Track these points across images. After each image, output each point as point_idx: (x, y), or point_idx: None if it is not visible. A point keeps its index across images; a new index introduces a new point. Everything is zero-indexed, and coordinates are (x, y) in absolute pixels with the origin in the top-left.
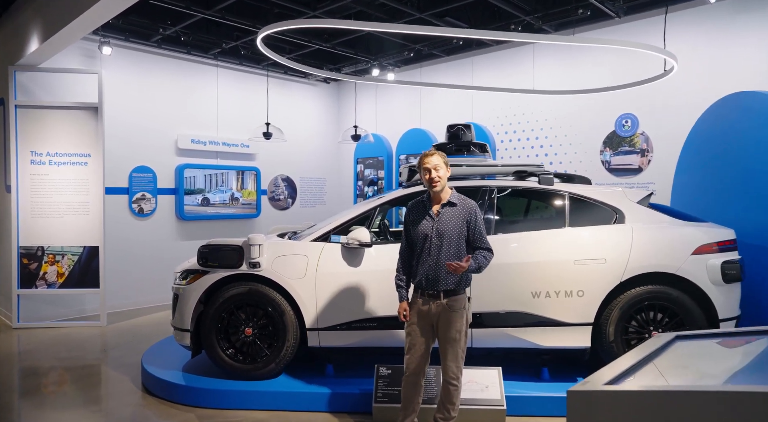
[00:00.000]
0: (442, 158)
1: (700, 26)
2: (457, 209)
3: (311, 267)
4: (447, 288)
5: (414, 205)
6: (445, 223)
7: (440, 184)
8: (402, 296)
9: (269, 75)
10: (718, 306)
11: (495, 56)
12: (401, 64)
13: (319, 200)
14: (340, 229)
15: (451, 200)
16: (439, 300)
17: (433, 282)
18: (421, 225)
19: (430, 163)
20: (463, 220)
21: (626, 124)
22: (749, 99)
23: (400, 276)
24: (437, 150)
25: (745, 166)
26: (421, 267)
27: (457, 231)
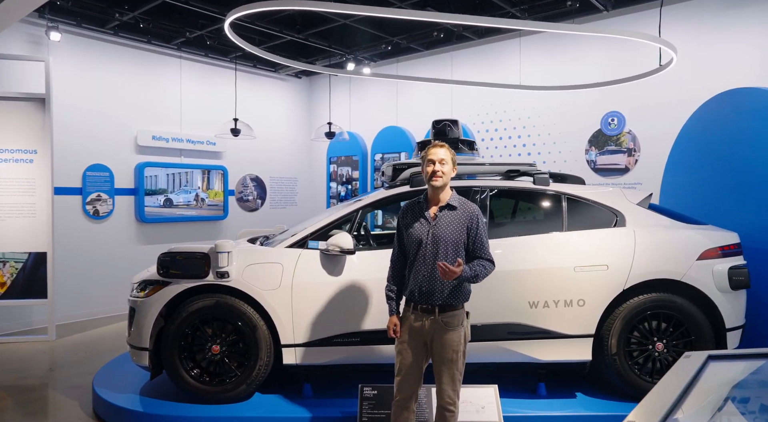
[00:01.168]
0: (451, 154)
1: (688, 23)
2: (457, 213)
3: (287, 277)
4: (443, 302)
5: (409, 206)
6: (442, 228)
7: (442, 180)
8: (392, 309)
9: (237, 68)
10: (724, 314)
11: (476, 51)
12: (377, 58)
13: (290, 201)
14: (318, 234)
15: (450, 203)
16: (433, 316)
17: (427, 295)
18: (415, 229)
19: (436, 154)
20: (462, 226)
21: (612, 123)
22: (746, 96)
23: (391, 286)
24: (423, 146)
25: (742, 166)
26: (414, 277)
27: (456, 237)
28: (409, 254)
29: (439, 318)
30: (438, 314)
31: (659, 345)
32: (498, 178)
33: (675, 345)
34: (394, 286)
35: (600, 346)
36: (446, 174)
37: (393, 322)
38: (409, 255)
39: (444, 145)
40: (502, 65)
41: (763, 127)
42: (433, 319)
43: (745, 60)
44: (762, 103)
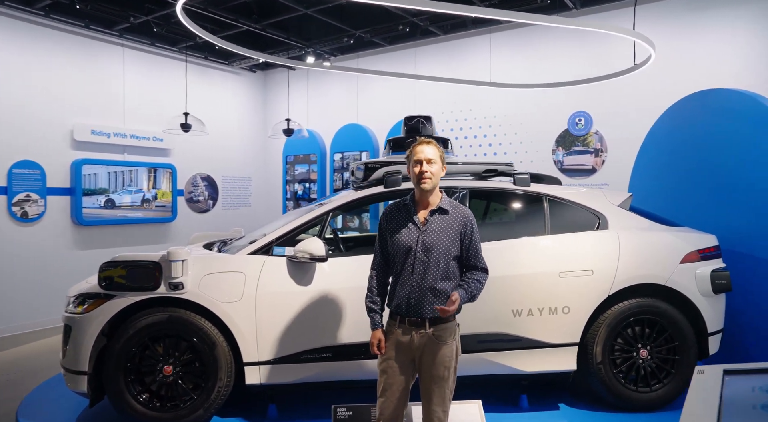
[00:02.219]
0: (440, 152)
1: (657, 24)
2: (448, 218)
3: (250, 287)
4: (434, 314)
5: (394, 208)
6: (433, 235)
7: (431, 182)
8: (375, 323)
9: (188, 60)
10: (707, 318)
11: (441, 47)
12: (337, 52)
13: (244, 202)
14: (284, 240)
15: (442, 206)
16: (423, 330)
17: (416, 308)
18: (403, 236)
19: (423, 153)
20: (455, 232)
21: (579, 123)
22: (719, 97)
23: (373, 297)
24: (394, 144)
25: (714, 167)
26: (402, 288)
27: (448, 244)
28: (395, 262)
29: (430, 331)
30: (429, 327)
31: (643, 352)
32: (472, 178)
33: (659, 351)
34: (377, 297)
35: (584, 355)
36: (435, 175)
37: (377, 337)
38: (394, 264)
39: (431, 142)
40: (470, 62)
41: (736, 128)
42: (423, 333)
43: (713, 62)
44: (735, 105)
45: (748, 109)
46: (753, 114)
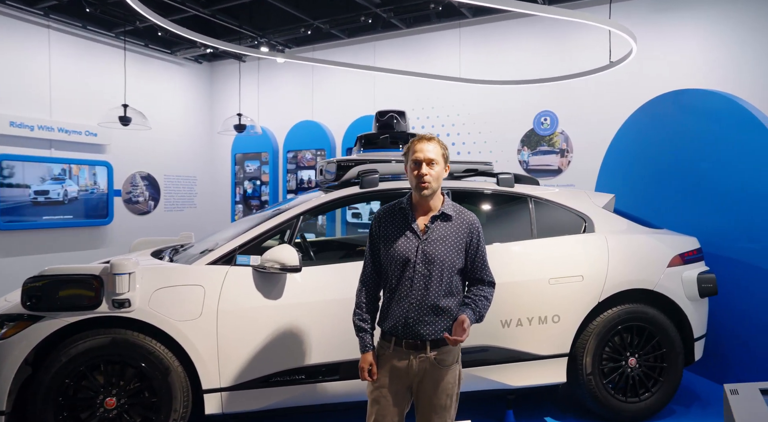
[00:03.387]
0: (442, 149)
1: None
2: (452, 225)
3: (210, 303)
4: (437, 336)
5: (387, 213)
6: (435, 244)
7: (432, 186)
8: (366, 344)
9: (126, 47)
10: (693, 323)
11: (402, 42)
12: (292, 43)
13: (189, 203)
14: (249, 247)
15: (444, 211)
16: (423, 354)
17: (415, 328)
18: (400, 245)
19: (423, 152)
20: (460, 241)
21: (545, 122)
22: (692, 97)
23: (363, 315)
24: (366, 141)
25: (687, 168)
26: (398, 305)
27: (453, 256)
28: (389, 275)
29: (432, 355)
30: (430, 350)
31: (632, 361)
32: (448, 178)
33: (647, 359)
34: (367, 314)
35: (574, 366)
36: (437, 178)
37: (367, 361)
38: (388, 277)
39: (433, 138)
40: (435, 58)
41: (711, 129)
42: (424, 357)
43: (678, 63)
44: (710, 105)
45: (723, 109)
46: (728, 115)
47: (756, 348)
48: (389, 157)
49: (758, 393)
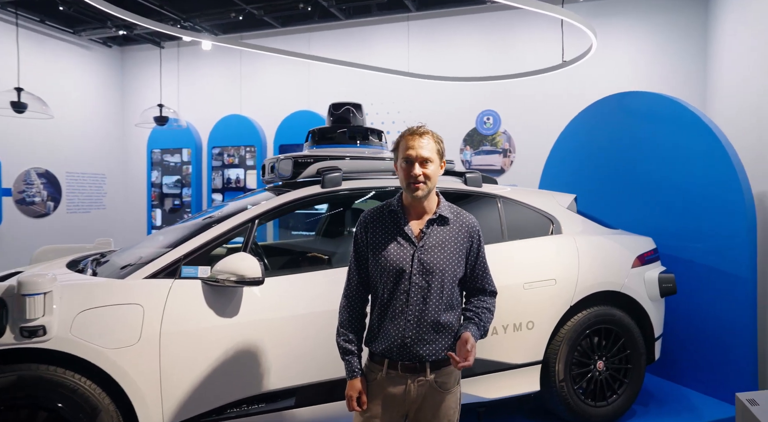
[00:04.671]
0: (437, 145)
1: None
2: (450, 229)
3: (151, 324)
4: (438, 357)
5: (376, 216)
6: (433, 252)
7: (425, 188)
8: (353, 369)
9: (18, 23)
10: (654, 323)
11: (340, 34)
12: (219, 29)
13: (97, 204)
14: (197, 256)
15: (441, 213)
16: (423, 377)
17: (414, 349)
18: (392, 253)
19: (416, 148)
20: (461, 247)
21: (488, 122)
22: (636, 99)
23: (348, 335)
24: (320, 137)
25: (634, 169)
26: (393, 323)
27: (453, 265)
28: (380, 289)
29: (432, 378)
30: (430, 373)
31: (600, 364)
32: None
33: (613, 361)
34: (353, 334)
35: (546, 373)
36: (432, 178)
37: (356, 389)
38: (378, 291)
39: (426, 132)
40: (372, 51)
41: (656, 130)
42: (423, 381)
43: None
44: (655, 107)
45: (668, 111)
46: (673, 117)
47: (703, 344)
48: (345, 154)
49: None
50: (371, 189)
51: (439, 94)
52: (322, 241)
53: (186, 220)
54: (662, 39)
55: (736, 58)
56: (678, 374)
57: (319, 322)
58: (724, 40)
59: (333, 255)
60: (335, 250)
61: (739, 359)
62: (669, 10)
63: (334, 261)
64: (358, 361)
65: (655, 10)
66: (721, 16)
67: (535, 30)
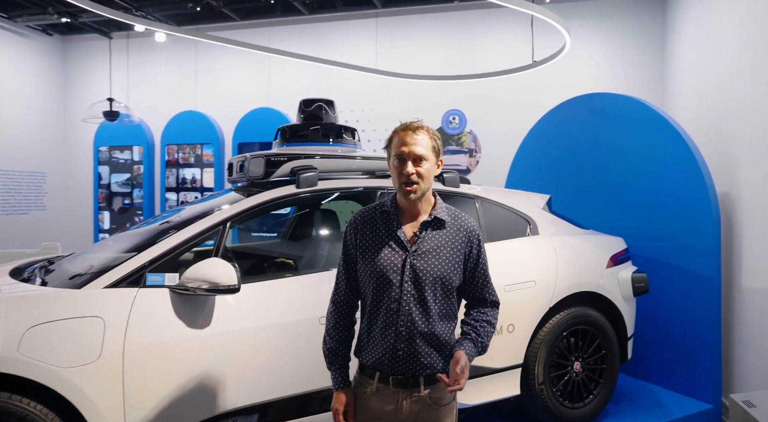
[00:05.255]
0: (432, 142)
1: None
2: (447, 233)
3: (113, 339)
4: (432, 371)
5: (367, 217)
6: (428, 257)
7: (420, 188)
8: (338, 381)
9: None
10: (627, 323)
11: (302, 29)
12: (173, 21)
13: (36, 204)
14: (165, 262)
15: (437, 216)
16: (417, 392)
17: (406, 363)
18: (383, 259)
19: (409, 145)
20: (458, 253)
21: (453, 121)
22: (603, 100)
23: (332, 344)
24: (292, 133)
25: (601, 169)
26: (384, 334)
27: (449, 272)
28: (369, 296)
29: (426, 394)
30: (424, 388)
31: (577, 365)
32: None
33: (588, 361)
34: (340, 343)
35: (526, 376)
36: (427, 178)
37: (342, 402)
38: (368, 298)
39: (421, 128)
40: (334, 48)
41: (623, 131)
42: (417, 397)
43: (581, 69)
44: (623, 109)
45: (635, 112)
46: (640, 118)
47: (670, 342)
48: (318, 152)
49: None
50: (348, 189)
51: (405, 93)
52: (295, 245)
53: (142, 224)
54: (622, 42)
55: (694, 60)
56: (646, 372)
57: (299, 331)
58: (681, 43)
59: (309, 259)
60: (310, 254)
61: (705, 355)
62: (628, 14)
63: (310, 266)
64: (345, 372)
65: (615, 13)
66: (679, 19)
67: (501, 30)
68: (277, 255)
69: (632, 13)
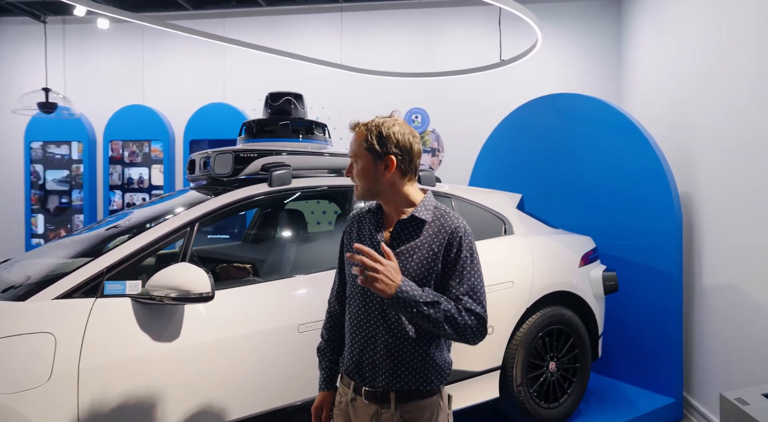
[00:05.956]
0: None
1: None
2: (426, 233)
3: (66, 358)
4: (402, 384)
5: (358, 215)
6: (398, 259)
7: (358, 189)
8: (322, 380)
9: None
10: (598, 321)
11: (259, 22)
12: (118, 4)
13: None
14: (125, 268)
15: (416, 214)
16: (388, 408)
17: (372, 374)
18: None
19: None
20: (432, 254)
21: (416, 120)
22: (568, 101)
23: (322, 344)
24: (259, 128)
25: (563, 169)
26: (351, 342)
27: (422, 275)
28: (349, 297)
29: (398, 412)
30: (394, 406)
31: (552, 365)
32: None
33: (562, 361)
34: (329, 344)
35: (504, 378)
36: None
37: (319, 403)
38: (348, 298)
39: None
40: (293, 43)
41: (587, 132)
42: (390, 415)
43: (537, 71)
44: (587, 109)
45: (601, 114)
46: (606, 119)
47: (635, 339)
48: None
49: (765, 400)
50: (323, 188)
51: (368, 90)
52: (259, 247)
53: (85, 229)
54: (579, 43)
55: (649, 62)
56: (611, 369)
57: (277, 340)
58: (637, 44)
59: (275, 263)
60: (276, 257)
61: (667, 351)
62: (585, 17)
63: (278, 270)
64: (329, 373)
65: (572, 15)
66: (634, 21)
67: (467, 29)
68: (242, 259)
69: (589, 16)
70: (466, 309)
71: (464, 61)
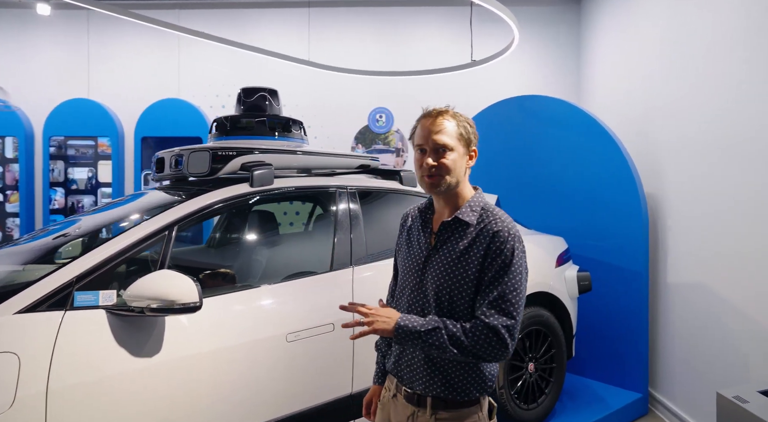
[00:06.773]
0: (461, 128)
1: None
2: (468, 237)
3: (32, 379)
4: (438, 392)
5: (414, 211)
6: (438, 265)
7: (444, 182)
8: (375, 374)
9: None
10: (573, 321)
11: (215, 15)
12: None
13: None
14: (98, 276)
15: (460, 216)
16: (424, 412)
17: (409, 376)
18: (411, 258)
19: (431, 134)
20: (472, 259)
21: (380, 120)
22: (535, 103)
23: (381, 339)
24: (233, 125)
25: (531, 170)
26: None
27: (458, 281)
28: (399, 296)
29: (433, 418)
30: (430, 411)
31: (531, 366)
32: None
33: (540, 362)
34: (383, 338)
35: None
36: (453, 170)
37: (370, 394)
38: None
39: (444, 112)
40: (257, 38)
41: (555, 133)
42: (425, 418)
43: (505, 75)
44: (554, 111)
45: (569, 115)
46: (574, 121)
47: (604, 337)
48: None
49: (763, 397)
50: (307, 188)
51: (333, 88)
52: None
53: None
54: (540, 48)
55: (610, 64)
56: (580, 367)
57: (266, 348)
58: (597, 49)
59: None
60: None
61: (634, 347)
62: (545, 21)
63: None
64: (380, 367)
65: (532, 18)
66: (593, 24)
67: (435, 30)
68: (222, 264)
69: (550, 20)
70: (479, 325)
71: (432, 61)
